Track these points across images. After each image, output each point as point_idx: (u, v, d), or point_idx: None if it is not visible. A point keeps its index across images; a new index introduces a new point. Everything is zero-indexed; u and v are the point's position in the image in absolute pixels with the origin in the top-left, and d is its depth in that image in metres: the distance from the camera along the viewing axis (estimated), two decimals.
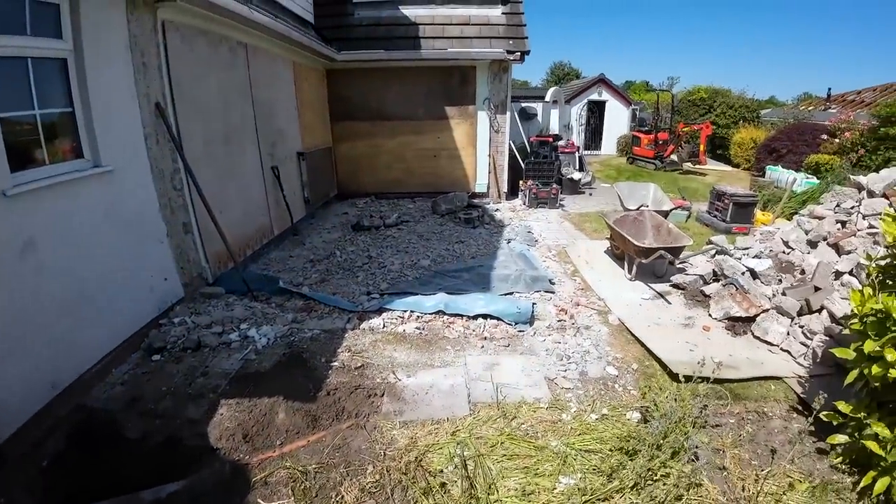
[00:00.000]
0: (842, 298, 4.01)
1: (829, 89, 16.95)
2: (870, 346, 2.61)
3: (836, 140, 11.74)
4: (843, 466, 2.82)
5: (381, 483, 2.63)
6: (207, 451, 2.87)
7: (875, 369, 2.56)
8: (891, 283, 2.85)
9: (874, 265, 2.91)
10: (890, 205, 4.65)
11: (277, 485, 2.62)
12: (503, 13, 9.85)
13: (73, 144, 3.61)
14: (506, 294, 5.18)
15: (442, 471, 2.73)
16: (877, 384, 2.60)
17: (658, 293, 5.20)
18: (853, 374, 2.75)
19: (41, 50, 3.32)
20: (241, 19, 5.43)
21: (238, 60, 5.98)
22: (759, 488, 2.61)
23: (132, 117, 4.11)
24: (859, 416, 2.73)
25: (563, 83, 31.32)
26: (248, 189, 6.26)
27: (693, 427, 2.83)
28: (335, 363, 3.84)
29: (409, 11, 9.79)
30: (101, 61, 3.73)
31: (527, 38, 9.46)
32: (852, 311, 2.90)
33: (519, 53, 9.24)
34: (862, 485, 2.58)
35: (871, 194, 4.95)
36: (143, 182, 4.22)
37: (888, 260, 2.87)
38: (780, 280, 4.72)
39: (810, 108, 16.29)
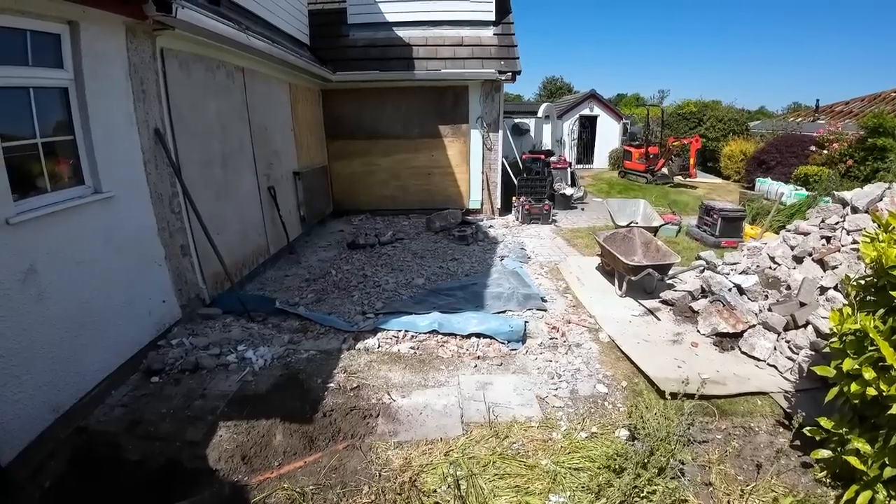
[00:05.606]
0: (826, 313, 4.12)
1: (818, 100, 17.18)
2: (848, 364, 2.69)
3: (825, 151, 11.95)
4: (827, 480, 2.89)
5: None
6: (207, 472, 2.93)
7: (854, 387, 2.64)
8: (870, 301, 2.94)
9: (853, 284, 2.99)
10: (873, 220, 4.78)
11: None
12: (495, 34, 10.09)
13: (74, 171, 3.69)
14: (499, 312, 5.26)
15: (435, 490, 2.79)
16: (856, 401, 2.69)
17: (647, 310, 5.30)
18: (833, 391, 2.83)
19: (42, 80, 3.42)
20: (240, 46, 5.57)
21: (235, 84, 6.11)
22: (744, 503, 2.68)
23: (132, 143, 4.20)
24: (841, 431, 2.81)
25: (555, 97, 31.77)
26: (245, 210, 6.35)
27: (679, 444, 2.91)
28: (331, 384, 3.91)
29: (404, 33, 10.00)
30: (102, 90, 3.82)
31: (518, 58, 9.67)
32: (831, 329, 3.01)
33: (510, 73, 9.44)
34: (845, 499, 2.64)
35: (854, 210, 5.06)
36: (143, 207, 4.31)
37: (867, 279, 2.96)
38: (767, 296, 4.83)
39: (799, 120, 16.56)
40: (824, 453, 2.89)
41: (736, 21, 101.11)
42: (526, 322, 4.94)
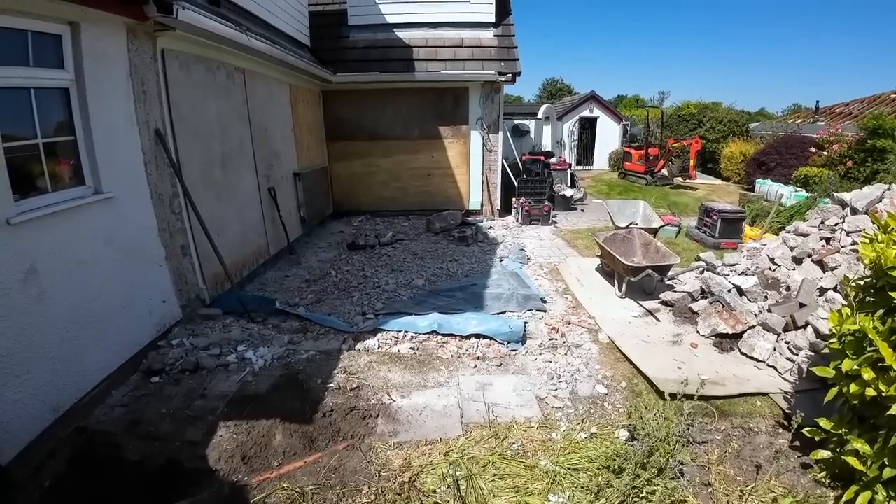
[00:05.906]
0: (826, 314, 4.11)
1: (818, 102, 17.29)
2: (848, 365, 2.69)
3: (825, 153, 11.97)
4: (826, 481, 2.89)
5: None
6: (207, 472, 2.93)
7: (853, 388, 2.64)
8: (869, 302, 2.94)
9: (853, 285, 2.99)
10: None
11: None
12: (495, 35, 10.11)
13: (75, 172, 3.69)
14: (498, 313, 5.27)
15: (435, 490, 2.80)
16: (855, 402, 2.69)
17: (647, 310, 5.30)
18: (832, 391, 2.83)
19: (43, 80, 3.42)
20: (241, 47, 5.58)
21: (235, 85, 6.12)
22: (743, 503, 2.69)
23: (132, 144, 4.20)
24: (840, 432, 2.80)
25: (555, 99, 31.81)
26: (245, 211, 6.36)
27: (678, 444, 2.91)
28: (331, 384, 3.91)
29: (404, 34, 10.02)
30: (103, 90, 3.83)
31: (518, 59, 9.68)
32: (831, 330, 3.01)
33: (511, 75, 9.46)
34: (844, 499, 2.64)
35: (854, 211, 5.06)
36: (143, 207, 4.31)
37: (866, 280, 2.96)
38: (766, 297, 4.83)
39: (799, 121, 16.59)
40: (824, 454, 2.89)
41: (736, 22, 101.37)
42: (525, 323, 4.94)
